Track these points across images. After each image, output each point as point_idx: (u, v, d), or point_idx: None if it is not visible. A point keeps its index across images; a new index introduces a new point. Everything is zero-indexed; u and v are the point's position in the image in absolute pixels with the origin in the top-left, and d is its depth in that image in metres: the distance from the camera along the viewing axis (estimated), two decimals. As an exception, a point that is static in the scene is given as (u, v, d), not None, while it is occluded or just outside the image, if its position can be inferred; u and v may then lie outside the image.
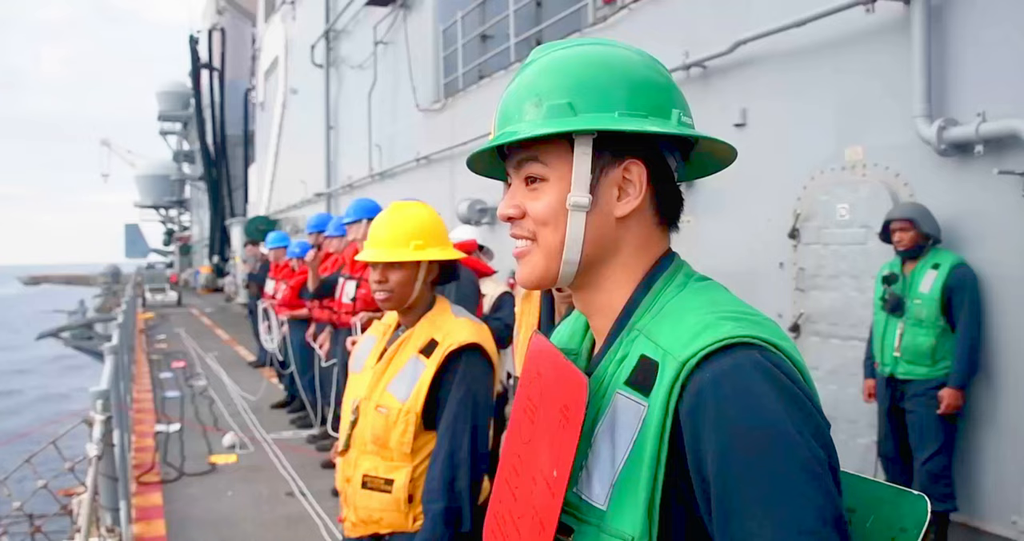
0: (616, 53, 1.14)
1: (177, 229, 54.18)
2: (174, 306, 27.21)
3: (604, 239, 1.11)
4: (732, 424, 0.91)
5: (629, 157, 1.10)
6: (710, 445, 0.92)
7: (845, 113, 5.19)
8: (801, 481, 0.89)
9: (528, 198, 1.13)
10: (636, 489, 0.97)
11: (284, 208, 22.19)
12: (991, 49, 4.40)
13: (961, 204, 4.57)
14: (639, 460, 0.98)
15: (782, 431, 0.91)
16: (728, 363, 0.94)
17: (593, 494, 1.03)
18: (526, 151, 1.12)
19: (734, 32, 5.78)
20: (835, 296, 5.32)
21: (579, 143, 1.09)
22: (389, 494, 2.39)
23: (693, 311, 1.03)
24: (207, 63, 32.65)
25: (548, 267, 1.12)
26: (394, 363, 2.47)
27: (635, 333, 1.07)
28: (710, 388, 0.93)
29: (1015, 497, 4.28)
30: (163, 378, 11.70)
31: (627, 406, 1.02)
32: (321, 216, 8.73)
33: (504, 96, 1.17)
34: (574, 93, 1.09)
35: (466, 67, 10.96)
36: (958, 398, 4.42)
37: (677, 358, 0.97)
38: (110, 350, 5.11)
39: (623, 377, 1.04)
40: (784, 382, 0.94)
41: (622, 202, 1.11)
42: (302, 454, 7.28)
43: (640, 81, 1.11)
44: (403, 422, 2.37)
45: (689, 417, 0.94)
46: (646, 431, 0.98)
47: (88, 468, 3.22)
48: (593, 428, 1.06)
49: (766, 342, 0.97)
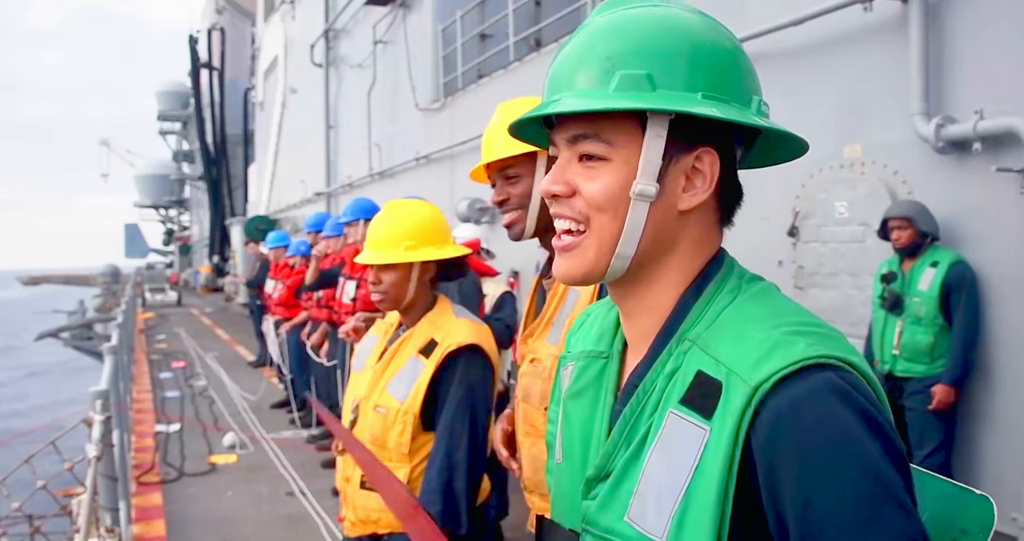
0: (697, 21, 1.00)
1: (177, 229, 54.18)
2: (174, 306, 27.22)
3: (663, 234, 0.99)
4: (814, 456, 0.83)
5: (702, 145, 0.98)
6: (790, 478, 0.84)
7: (843, 111, 5.19)
8: (888, 514, 0.83)
9: (582, 176, 0.99)
10: (701, 522, 0.87)
11: (284, 207, 22.19)
12: (988, 47, 4.40)
13: (959, 202, 4.57)
14: (703, 491, 0.88)
15: (866, 462, 0.83)
16: (805, 388, 0.85)
17: (649, 525, 0.92)
18: (585, 125, 0.97)
19: (732, 31, 5.75)
20: (834, 294, 5.32)
21: (653, 124, 0.95)
22: None
23: (756, 323, 0.93)
24: (207, 63, 32.62)
25: (599, 260, 0.99)
26: (394, 363, 2.47)
27: (687, 344, 0.97)
28: (788, 417, 0.84)
29: (1014, 494, 4.28)
30: (163, 378, 11.71)
31: (684, 428, 0.91)
32: (320, 215, 8.71)
33: (563, 54, 1.02)
34: (654, 63, 0.94)
35: (465, 66, 10.95)
36: (950, 395, 4.42)
37: (747, 381, 0.87)
38: (109, 350, 5.11)
39: (677, 394, 0.94)
40: (863, 405, 0.85)
41: (688, 194, 0.99)
42: (302, 454, 7.28)
43: (724, 58, 0.99)
44: (401, 423, 2.37)
45: (764, 448, 0.85)
46: (710, 458, 0.88)
47: (88, 468, 3.22)
48: (642, 448, 0.96)
49: (841, 361, 0.87)
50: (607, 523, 0.98)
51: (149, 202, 53.84)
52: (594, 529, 1.01)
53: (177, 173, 47.93)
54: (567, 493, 1.10)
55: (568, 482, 1.10)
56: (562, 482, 1.12)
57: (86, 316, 24.78)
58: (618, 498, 0.97)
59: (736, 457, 0.87)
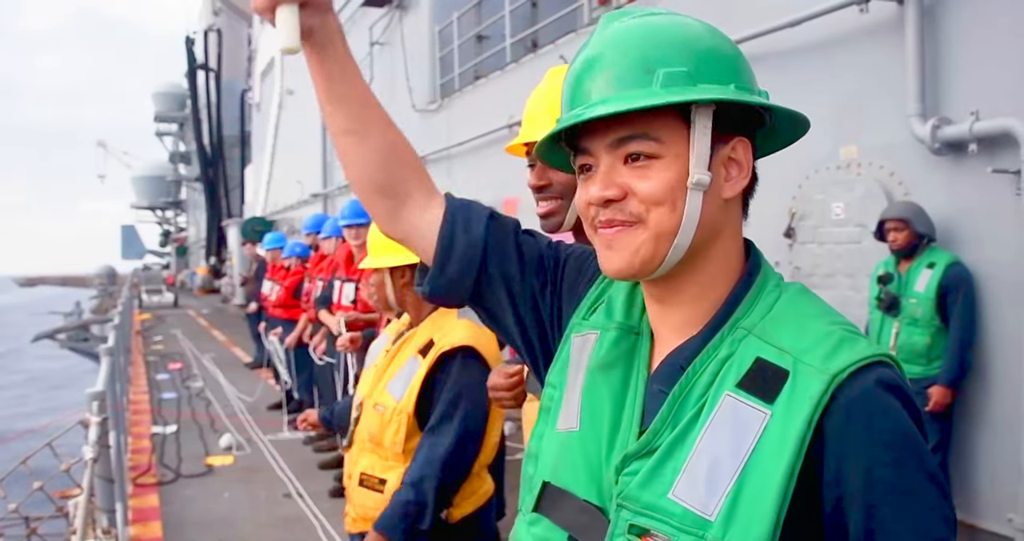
0: (705, 26, 1.09)
1: (173, 230, 54.16)
2: (170, 307, 27.17)
3: (714, 221, 1.04)
4: (881, 441, 0.92)
5: (736, 135, 1.05)
6: (858, 461, 0.92)
7: (840, 113, 5.20)
8: (934, 494, 0.94)
9: (634, 177, 1.02)
10: (761, 502, 0.91)
11: (281, 209, 22.19)
12: (984, 48, 4.41)
13: (955, 203, 4.59)
14: (765, 471, 0.92)
15: (920, 448, 0.94)
16: (872, 380, 0.93)
17: (697, 502, 0.95)
18: (631, 127, 1.01)
19: (729, 32, 5.73)
20: (831, 295, 5.33)
21: (700, 117, 1.00)
22: (381, 494, 2.40)
23: (813, 319, 1.01)
24: (203, 64, 32.61)
25: (656, 251, 1.02)
26: (395, 362, 2.50)
27: (741, 331, 1.02)
28: (860, 404, 0.92)
29: (1011, 495, 4.29)
30: (160, 379, 11.69)
31: (742, 411, 0.96)
32: (317, 216, 8.71)
33: (584, 64, 1.06)
34: (691, 61, 1.01)
35: (462, 67, 10.96)
36: (946, 396, 4.43)
37: (824, 370, 0.93)
38: (106, 352, 5.10)
39: (733, 379, 0.98)
40: (911, 399, 0.96)
41: (730, 183, 1.05)
42: (299, 455, 7.27)
43: (737, 57, 1.07)
44: (396, 421, 2.39)
45: (837, 433, 0.92)
46: (772, 441, 0.93)
47: (84, 470, 3.21)
48: (691, 427, 0.99)
49: (892, 360, 0.97)
50: (649, 499, 0.99)
51: (146, 203, 53.83)
52: (633, 504, 1.00)
53: (174, 174, 47.95)
54: (585, 463, 1.09)
55: (588, 451, 1.09)
56: (577, 450, 1.10)
57: (82, 318, 24.78)
58: (662, 475, 0.99)
59: (808, 439, 0.92)
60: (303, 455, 7.27)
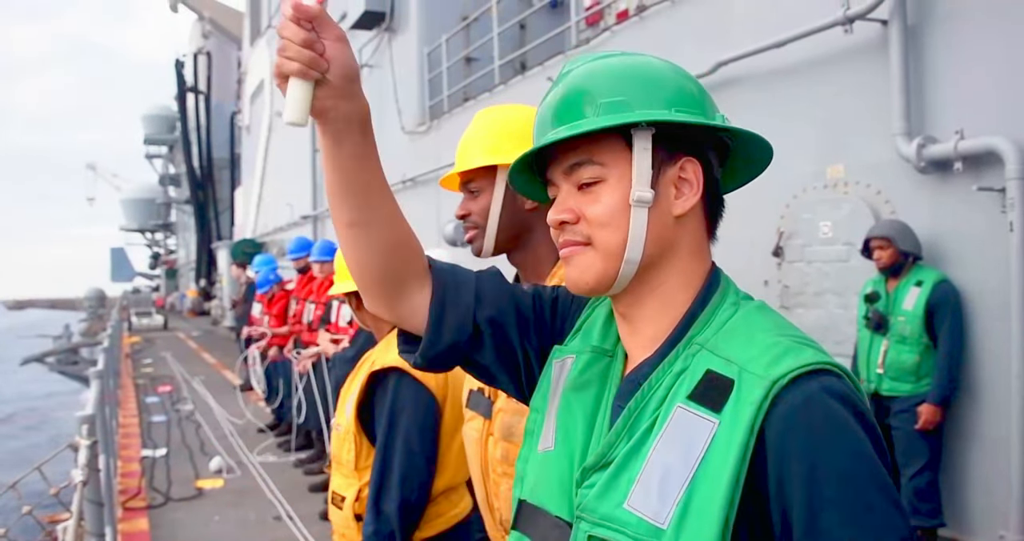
0: (656, 61, 1.14)
1: (163, 253, 53.97)
2: (160, 330, 27.08)
3: (664, 238, 1.09)
4: (824, 449, 0.92)
5: (683, 155, 1.09)
6: (799, 468, 0.92)
7: (826, 132, 5.25)
8: (884, 505, 0.92)
9: (583, 201, 1.10)
10: (709, 509, 0.93)
11: (271, 231, 22.16)
12: (968, 67, 4.46)
13: (942, 220, 4.62)
14: (712, 478, 0.94)
15: (867, 457, 0.93)
16: (816, 387, 0.94)
17: (650, 511, 0.97)
18: (578, 154, 1.10)
19: (716, 53, 5.83)
20: (820, 313, 5.36)
21: (639, 138, 1.07)
22: (341, 510, 2.43)
23: (763, 332, 1.03)
24: (193, 86, 32.66)
25: (606, 268, 1.09)
26: (354, 382, 2.52)
27: (695, 347, 1.05)
28: (802, 410, 0.92)
29: (1002, 511, 4.30)
30: (149, 403, 11.62)
31: (692, 421, 0.98)
32: (301, 240, 8.69)
33: (544, 105, 1.14)
34: (628, 91, 1.08)
35: (451, 89, 11.02)
36: (936, 414, 4.44)
37: (764, 376, 0.95)
38: (96, 375, 5.08)
39: (684, 391, 1.01)
40: (862, 408, 0.95)
41: (680, 200, 1.10)
42: (289, 478, 7.23)
43: (689, 86, 1.12)
44: (348, 440, 2.43)
45: (778, 438, 0.93)
46: (719, 449, 0.94)
47: (74, 493, 3.19)
48: (645, 439, 1.02)
49: (840, 370, 0.97)
50: (605, 510, 1.02)
51: (135, 226, 53.65)
52: (590, 516, 1.03)
53: (163, 197, 47.85)
54: (558, 480, 1.13)
55: (561, 469, 1.13)
56: (552, 468, 1.15)
57: (72, 341, 24.59)
58: (617, 486, 1.02)
59: (751, 445, 0.93)
60: (293, 478, 7.23)
